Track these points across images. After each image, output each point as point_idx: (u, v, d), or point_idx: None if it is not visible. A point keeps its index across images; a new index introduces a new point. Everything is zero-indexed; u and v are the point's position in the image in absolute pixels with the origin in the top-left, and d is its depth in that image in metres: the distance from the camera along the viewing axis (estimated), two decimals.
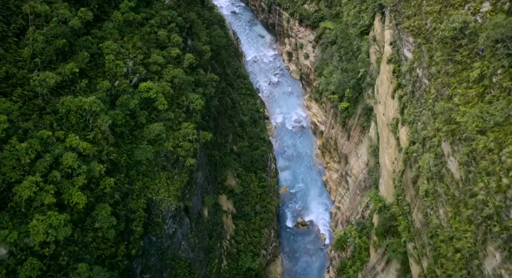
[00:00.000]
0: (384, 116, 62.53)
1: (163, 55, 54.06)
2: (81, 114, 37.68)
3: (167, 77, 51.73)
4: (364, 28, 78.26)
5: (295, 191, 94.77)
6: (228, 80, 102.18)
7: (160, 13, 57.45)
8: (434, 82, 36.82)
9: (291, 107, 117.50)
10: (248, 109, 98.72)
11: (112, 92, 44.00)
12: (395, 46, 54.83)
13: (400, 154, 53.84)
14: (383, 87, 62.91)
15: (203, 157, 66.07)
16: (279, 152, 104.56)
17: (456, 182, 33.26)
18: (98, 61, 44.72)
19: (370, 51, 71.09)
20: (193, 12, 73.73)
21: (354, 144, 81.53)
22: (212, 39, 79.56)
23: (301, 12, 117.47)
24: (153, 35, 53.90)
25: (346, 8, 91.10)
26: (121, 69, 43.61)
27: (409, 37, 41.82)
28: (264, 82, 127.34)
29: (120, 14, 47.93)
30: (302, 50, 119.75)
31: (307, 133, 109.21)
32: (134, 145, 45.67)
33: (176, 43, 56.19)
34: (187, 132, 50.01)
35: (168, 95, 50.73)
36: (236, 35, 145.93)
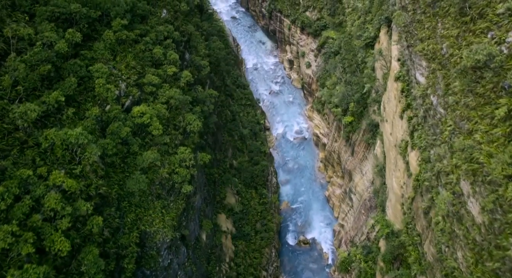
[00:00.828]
0: (391, 136, 59.50)
1: (159, 74, 51.00)
2: (67, 146, 34.58)
3: (163, 98, 48.68)
4: (369, 40, 75.23)
5: (296, 206, 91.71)
6: (228, 90, 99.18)
7: (156, 29, 54.39)
8: (451, 113, 33.77)
9: (292, 117, 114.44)
10: (248, 121, 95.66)
11: (102, 119, 40.93)
12: (404, 65, 51.85)
13: (409, 179, 50.85)
14: (390, 105, 59.90)
15: (201, 177, 63.00)
16: (280, 165, 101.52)
17: (477, 226, 30.19)
18: (88, 84, 41.66)
19: (376, 66, 68.05)
20: (191, 24, 70.69)
21: (359, 160, 78.48)
22: (211, 51, 76.56)
23: (303, 20, 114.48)
24: (148, 53, 50.85)
25: (350, 18, 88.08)
26: (112, 94, 40.54)
27: (422, 61, 38.76)
28: (264, 91, 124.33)
29: (112, 33, 44.85)
30: (303, 58, 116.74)
31: (308, 145, 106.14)
32: (126, 173, 42.59)
33: (172, 61, 53.11)
34: (184, 157, 46.94)
35: (163, 118, 47.70)
36: (236, 41, 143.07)
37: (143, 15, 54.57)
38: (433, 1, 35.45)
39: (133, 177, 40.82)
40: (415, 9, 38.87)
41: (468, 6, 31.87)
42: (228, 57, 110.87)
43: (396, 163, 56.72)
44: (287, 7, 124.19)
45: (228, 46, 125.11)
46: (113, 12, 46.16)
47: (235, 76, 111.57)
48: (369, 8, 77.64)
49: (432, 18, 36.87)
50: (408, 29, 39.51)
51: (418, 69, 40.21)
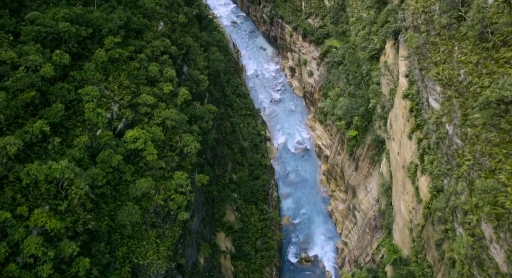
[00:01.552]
0: (399, 156, 56.71)
1: (154, 93, 48.19)
2: (52, 180, 31.79)
3: (158, 119, 45.87)
4: (375, 52, 72.40)
5: (298, 222, 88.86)
6: (228, 100, 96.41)
7: (152, 44, 51.59)
8: (470, 146, 30.97)
9: (294, 127, 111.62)
10: (248, 133, 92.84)
11: (92, 145, 38.12)
12: (414, 84, 49.12)
13: (419, 206, 48.06)
14: (397, 123, 57.13)
15: (199, 197, 60.19)
16: (281, 177, 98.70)
17: (502, 275, 27.37)
18: (77, 108, 38.85)
19: (382, 81, 65.27)
20: (189, 35, 67.93)
21: (363, 176, 75.66)
22: (210, 63, 73.77)
23: (305, 27, 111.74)
24: (143, 71, 48.02)
25: (354, 28, 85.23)
26: (103, 119, 37.72)
27: (436, 86, 35.96)
28: (265, 99, 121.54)
29: (104, 51, 42.00)
30: (305, 66, 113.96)
31: (310, 156, 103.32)
32: (118, 202, 39.78)
33: (169, 78, 50.31)
34: (180, 183, 44.12)
35: (158, 141, 44.88)
36: (236, 47, 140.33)
37: (139, 29, 51.78)
38: (449, 23, 32.65)
39: (125, 208, 37.98)
40: (429, 30, 36.10)
41: (490, 31, 29.09)
42: (228, 65, 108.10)
43: (404, 185, 53.93)
44: (289, 13, 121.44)
45: (228, 53, 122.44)
46: (105, 29, 43.35)
47: (235, 85, 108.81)
48: (375, 19, 74.79)
49: (448, 41, 34.10)
50: (421, 51, 36.74)
51: (432, 94, 37.43)
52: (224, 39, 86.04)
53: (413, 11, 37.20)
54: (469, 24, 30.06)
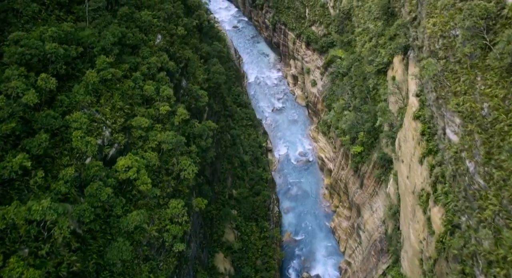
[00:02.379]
0: (408, 180, 53.67)
1: (150, 113, 45.24)
2: (33, 220, 28.80)
3: (153, 143, 42.85)
4: (382, 66, 69.39)
5: (300, 238, 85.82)
6: (228, 111, 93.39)
7: (148, 61, 48.61)
8: (496, 190, 27.95)
9: (296, 137, 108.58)
10: (249, 145, 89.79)
11: (81, 175, 35.13)
12: (427, 107, 46.12)
13: (431, 238, 44.94)
14: (407, 145, 54.08)
15: (197, 220, 57.26)
16: (282, 190, 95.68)
17: None
18: (65, 134, 35.85)
19: (390, 99, 62.28)
20: (189, 47, 64.95)
21: (368, 194, 72.61)
22: (210, 75, 70.75)
23: (309, 35, 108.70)
24: (138, 90, 45.05)
25: (360, 39, 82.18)
26: (92, 148, 34.71)
27: (455, 117, 32.93)
28: (267, 108, 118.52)
29: (96, 72, 38.98)
30: (308, 75, 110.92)
31: (313, 168, 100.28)
32: (108, 236, 36.76)
33: (166, 97, 47.32)
34: (176, 213, 41.13)
35: (153, 166, 41.90)
36: (237, 53, 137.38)
37: (134, 44, 48.79)
38: (472, 53, 29.63)
39: (115, 244, 34.98)
40: (448, 57, 33.08)
41: None
42: (229, 73, 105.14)
43: (414, 213, 50.87)
44: (292, 20, 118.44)
45: (230, 59, 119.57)
46: (97, 48, 40.33)
47: (236, 93, 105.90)
48: (382, 31, 71.78)
49: (470, 70, 31.07)
50: (438, 78, 33.74)
51: (450, 125, 34.40)
52: (225, 50, 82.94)
53: (430, 34, 34.28)
54: (497, 55, 27.03)
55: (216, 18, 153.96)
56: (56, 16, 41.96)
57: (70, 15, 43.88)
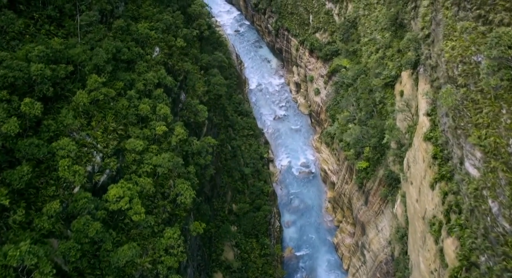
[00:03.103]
0: (417, 204, 50.85)
1: (145, 134, 42.53)
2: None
3: (148, 167, 40.10)
4: (390, 79, 66.60)
5: (301, 254, 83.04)
6: (229, 120, 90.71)
7: (144, 77, 45.89)
8: None
9: (298, 147, 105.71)
10: (250, 156, 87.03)
11: (68, 206, 32.41)
12: (440, 131, 43.35)
13: (444, 270, 42.12)
14: (417, 167, 51.25)
15: (195, 242, 54.51)
16: (283, 202, 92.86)
17: None
18: (51, 162, 33.13)
19: (398, 116, 59.46)
20: (189, 58, 62.22)
21: (374, 212, 69.81)
22: (211, 87, 68.01)
23: (312, 42, 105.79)
24: (133, 110, 42.32)
25: (366, 49, 79.38)
26: (80, 178, 31.98)
27: (475, 151, 30.15)
28: (269, 116, 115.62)
29: (86, 93, 36.25)
30: (312, 84, 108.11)
31: (315, 180, 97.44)
32: (97, 272, 34.05)
33: (163, 116, 44.60)
34: (171, 243, 38.38)
35: (148, 193, 39.18)
36: (239, 58, 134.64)
37: (130, 59, 46.06)
38: (498, 84, 26.84)
39: None
40: (468, 85, 30.30)
41: None
42: (230, 81, 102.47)
43: (424, 240, 48.03)
44: (296, 26, 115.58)
45: (231, 65, 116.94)
46: (89, 67, 37.60)
47: (237, 101, 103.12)
48: (390, 42, 68.95)
49: (494, 102, 28.27)
50: (457, 106, 30.96)
51: (469, 158, 31.60)
52: (226, 59, 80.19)
53: (448, 58, 31.58)
54: None
55: (218, 21, 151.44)
56: (45, 31, 39.25)
57: (61, 29, 41.14)
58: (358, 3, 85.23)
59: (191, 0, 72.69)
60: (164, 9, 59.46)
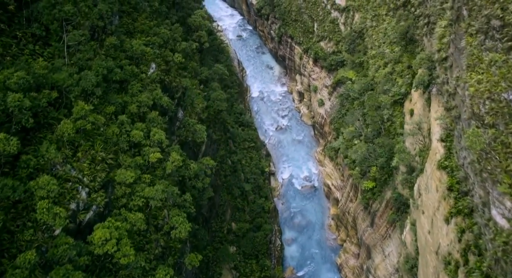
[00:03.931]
0: (429, 236, 47.46)
1: (137, 163, 39.23)
2: None
3: (140, 201, 36.79)
4: (399, 97, 63.25)
5: (303, 274, 79.66)
6: (229, 133, 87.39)
7: (138, 99, 42.58)
8: None
9: (301, 160, 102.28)
10: (251, 171, 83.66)
11: (47, 250, 29.11)
12: (453, 151, 40.16)
13: None
14: (429, 196, 47.86)
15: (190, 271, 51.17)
16: (285, 218, 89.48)
17: None
18: (29, 201, 29.85)
19: (407, 139, 56.08)
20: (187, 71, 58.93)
21: (380, 235, 66.41)
22: (210, 103, 64.68)
23: (317, 51, 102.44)
24: (125, 136, 39.02)
25: (374, 62, 75.98)
26: (61, 221, 28.68)
27: (505, 200, 26.76)
28: (270, 126, 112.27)
29: (72, 122, 32.95)
30: (316, 94, 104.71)
31: (318, 195, 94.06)
32: None
33: (157, 142, 41.29)
34: None
35: (138, 231, 35.87)
36: (241, 65, 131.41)
37: (123, 79, 42.76)
38: None
39: None
40: (497, 125, 26.91)
41: None
42: (231, 91, 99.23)
43: (437, 277, 44.69)
44: (299, 34, 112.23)
45: (233, 73, 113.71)
46: (75, 93, 34.28)
47: (238, 111, 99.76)
48: (400, 57, 65.57)
49: None
50: (484, 148, 27.59)
51: (497, 206, 28.19)
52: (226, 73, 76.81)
53: (473, 93, 28.30)
54: None
55: (220, 26, 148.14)
56: (29, 51, 35.92)
57: (47, 48, 37.79)
58: (365, 14, 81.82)
59: (191, 11, 69.36)
60: (162, 22, 56.18)
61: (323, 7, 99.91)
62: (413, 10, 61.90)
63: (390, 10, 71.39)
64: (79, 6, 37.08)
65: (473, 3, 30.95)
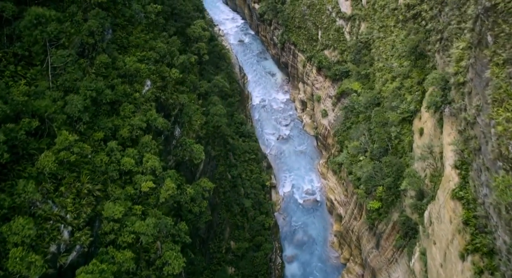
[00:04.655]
0: (442, 270, 44.32)
1: (127, 193, 36.14)
2: None
3: (129, 238, 33.69)
4: (408, 114, 60.10)
5: None
6: (229, 145, 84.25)
7: (130, 122, 39.50)
8: None
9: (303, 171, 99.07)
10: (251, 186, 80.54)
11: None
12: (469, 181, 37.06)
13: None
14: (442, 227, 44.71)
15: None
16: (285, 233, 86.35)
17: None
18: (1, 245, 26.75)
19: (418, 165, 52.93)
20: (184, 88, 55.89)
21: (386, 259, 63.24)
22: (209, 118, 61.61)
23: (321, 59, 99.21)
24: (114, 165, 35.92)
25: (381, 75, 72.80)
26: (37, 270, 25.59)
27: None
28: (272, 136, 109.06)
29: (54, 154, 29.87)
30: (319, 104, 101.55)
31: (321, 210, 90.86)
32: None
33: (150, 169, 38.21)
34: None
35: (127, 270, 32.78)
36: (242, 71, 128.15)
37: (115, 100, 39.69)
38: None
39: None
40: None
41: None
42: (231, 101, 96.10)
43: None
44: (303, 41, 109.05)
45: (234, 80, 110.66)
46: (58, 122, 31.19)
47: (239, 121, 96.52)
48: (409, 72, 62.41)
49: None
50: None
51: None
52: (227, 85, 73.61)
53: (500, 132, 25.20)
54: None
55: (221, 30, 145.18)
56: (10, 73, 32.81)
57: (31, 68, 34.70)
58: (372, 24, 78.62)
59: (191, 20, 66.26)
60: (159, 34, 53.09)
61: (327, 14, 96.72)
62: (424, 23, 58.74)
63: (398, 21, 68.20)
64: (65, 25, 33.94)
65: (499, 30, 27.83)
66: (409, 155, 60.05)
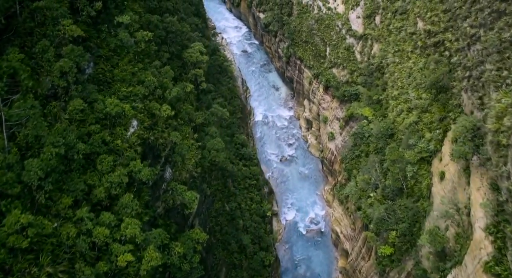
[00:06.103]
0: None
1: (99, 271, 30.02)
2: None
3: None
4: (427, 154, 53.90)
5: None
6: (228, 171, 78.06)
7: (109, 179, 33.44)
8: None
9: (307, 197, 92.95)
10: (251, 219, 74.37)
11: None
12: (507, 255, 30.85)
13: None
14: None
15: None
16: (287, 268, 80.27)
17: None
18: None
19: (437, 215, 46.74)
20: (178, 121, 49.91)
21: None
22: (205, 152, 55.58)
23: (328, 78, 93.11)
24: (84, 238, 29.85)
25: (395, 104, 66.55)
26: None
27: None
28: (274, 157, 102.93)
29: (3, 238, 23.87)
30: (325, 125, 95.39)
31: (325, 241, 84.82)
32: None
33: (130, 238, 32.16)
34: None
35: None
36: (245, 85, 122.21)
37: (90, 153, 33.68)
38: None
39: None
40: None
41: None
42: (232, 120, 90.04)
43: None
44: (310, 57, 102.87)
45: (236, 96, 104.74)
46: (7, 200, 25.09)
47: (239, 142, 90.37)
48: (428, 106, 56.21)
49: None
50: None
51: None
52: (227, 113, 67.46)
53: None
54: None
55: (224, 39, 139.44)
56: None
57: None
58: (386, 46, 72.31)
59: (188, 41, 60.22)
60: (150, 64, 47.06)
61: (337, 31, 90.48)
62: (447, 54, 52.45)
63: (417, 47, 61.91)
64: (20, 78, 27.87)
65: None
66: (427, 200, 53.94)
